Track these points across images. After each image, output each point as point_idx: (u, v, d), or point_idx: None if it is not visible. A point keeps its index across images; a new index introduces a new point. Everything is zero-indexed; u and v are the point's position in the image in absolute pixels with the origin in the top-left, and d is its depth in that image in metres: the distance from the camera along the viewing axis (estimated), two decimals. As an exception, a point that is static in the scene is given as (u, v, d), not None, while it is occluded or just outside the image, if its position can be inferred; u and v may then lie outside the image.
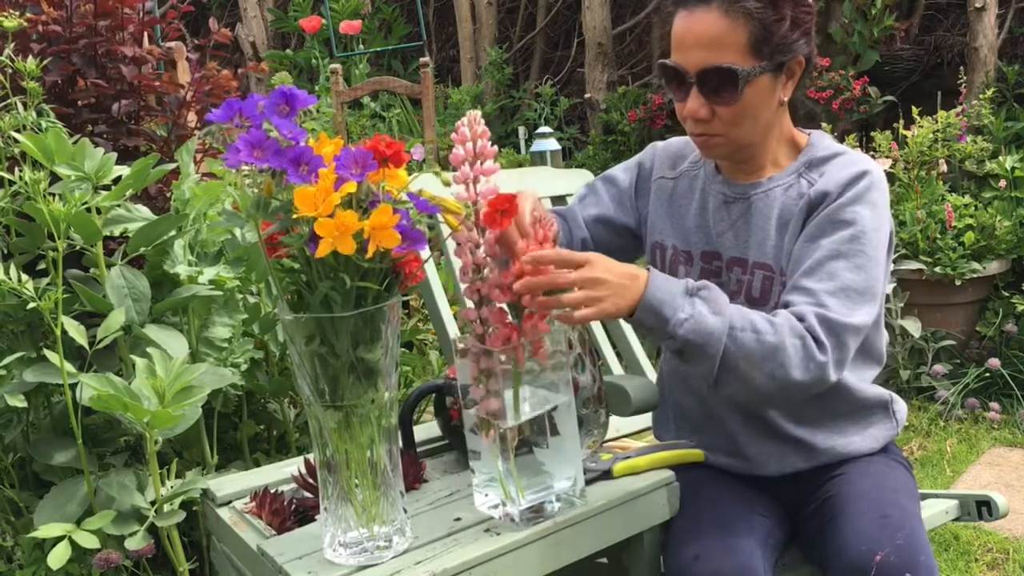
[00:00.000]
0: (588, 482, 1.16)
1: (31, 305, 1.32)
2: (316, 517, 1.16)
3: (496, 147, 1.09)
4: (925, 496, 1.53)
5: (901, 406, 1.41)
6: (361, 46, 5.74)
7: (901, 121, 3.47)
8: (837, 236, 1.22)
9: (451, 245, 1.37)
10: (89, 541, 1.29)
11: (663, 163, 1.44)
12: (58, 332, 1.34)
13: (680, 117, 1.28)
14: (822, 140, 1.34)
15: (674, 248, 1.39)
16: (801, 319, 1.16)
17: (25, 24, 1.67)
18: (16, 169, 1.41)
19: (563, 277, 1.06)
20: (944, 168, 3.42)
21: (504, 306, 1.08)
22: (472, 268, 1.08)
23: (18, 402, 1.38)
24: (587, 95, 5.12)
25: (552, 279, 1.05)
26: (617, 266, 1.11)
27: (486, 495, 1.12)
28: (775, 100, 1.25)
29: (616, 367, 1.89)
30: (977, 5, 3.98)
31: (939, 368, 3.08)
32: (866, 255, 1.21)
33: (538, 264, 1.05)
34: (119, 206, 1.50)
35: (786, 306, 1.21)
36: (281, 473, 1.30)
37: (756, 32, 1.19)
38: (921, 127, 3.37)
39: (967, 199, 3.26)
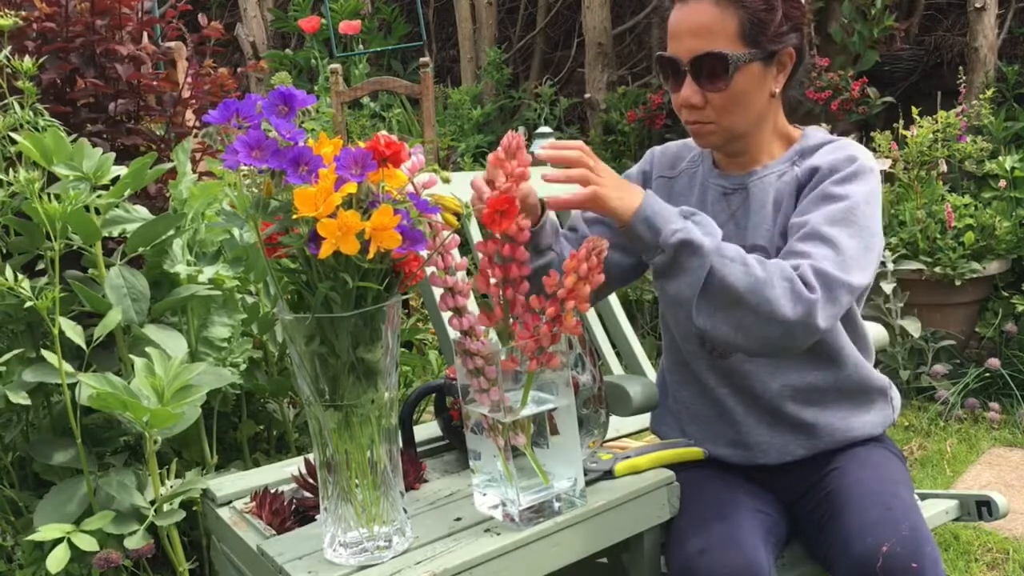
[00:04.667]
0: (589, 482, 1.16)
1: (28, 304, 1.32)
2: (316, 517, 1.16)
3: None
4: (925, 496, 1.53)
5: (896, 393, 1.44)
6: (361, 46, 5.73)
7: (901, 121, 3.47)
8: (830, 208, 1.23)
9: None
10: (88, 544, 1.28)
11: (662, 164, 1.48)
12: (55, 332, 1.34)
13: (675, 107, 1.32)
14: (815, 132, 1.38)
15: None
16: (795, 268, 1.17)
17: (21, 22, 1.66)
18: (12, 170, 1.41)
19: (567, 152, 1.13)
20: (944, 168, 3.42)
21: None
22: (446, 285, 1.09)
23: (21, 399, 1.37)
24: (587, 95, 5.11)
25: (558, 153, 1.13)
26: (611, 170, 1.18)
27: (485, 495, 1.12)
28: (766, 90, 1.29)
29: (616, 367, 1.89)
30: (977, 5, 3.98)
31: (939, 368, 3.08)
32: (860, 225, 1.22)
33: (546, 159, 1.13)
34: (117, 206, 1.50)
35: None
36: (281, 473, 1.30)
37: (747, 21, 1.24)
38: (921, 127, 3.37)
39: (967, 199, 3.26)
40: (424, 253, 1.00)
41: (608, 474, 1.20)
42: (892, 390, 1.43)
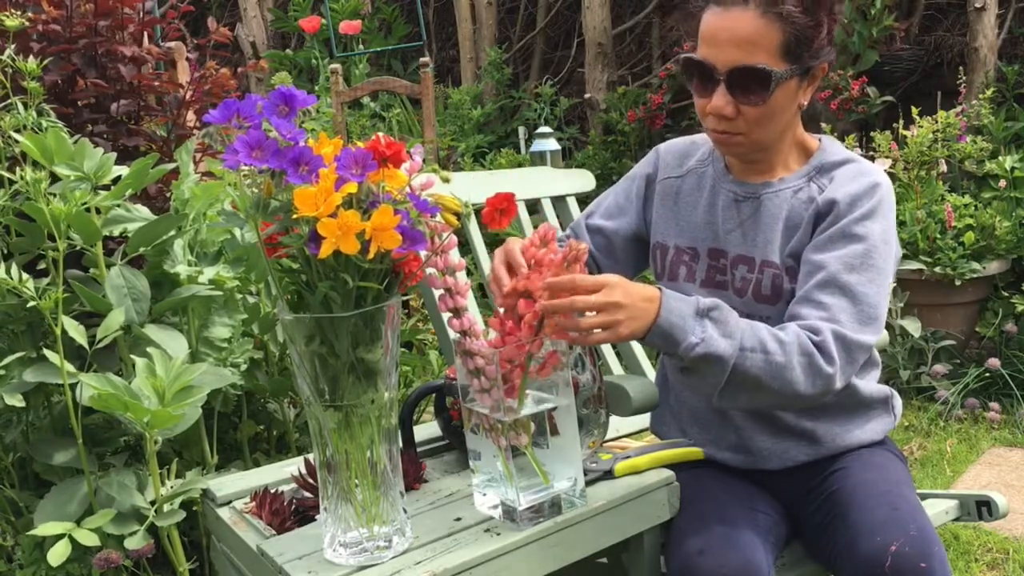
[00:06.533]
0: (589, 482, 1.16)
1: (31, 304, 1.32)
2: (316, 517, 1.16)
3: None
4: (925, 496, 1.53)
5: (898, 400, 1.44)
6: (361, 46, 5.73)
7: (901, 121, 3.47)
8: (849, 250, 1.23)
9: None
10: (89, 539, 1.28)
11: (668, 164, 1.45)
12: (58, 332, 1.34)
13: (700, 113, 1.28)
14: (832, 145, 1.35)
15: (676, 248, 1.40)
16: (815, 332, 1.17)
17: (27, 24, 1.67)
18: (16, 169, 1.41)
19: (583, 300, 1.06)
20: (944, 168, 3.42)
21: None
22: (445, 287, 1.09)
23: (16, 401, 1.37)
24: (587, 95, 5.11)
25: (572, 302, 1.05)
26: (634, 289, 1.11)
27: (485, 495, 1.12)
28: (796, 103, 1.27)
29: (616, 367, 1.89)
30: (977, 5, 3.97)
31: (939, 368, 3.08)
32: (877, 269, 1.23)
33: (554, 290, 1.06)
34: (119, 206, 1.50)
35: (794, 318, 1.22)
36: (281, 473, 1.30)
37: (792, 37, 1.20)
38: (921, 127, 3.36)
39: (967, 199, 3.26)
40: (424, 253, 1.00)
41: (608, 474, 1.20)
42: (894, 398, 1.42)
